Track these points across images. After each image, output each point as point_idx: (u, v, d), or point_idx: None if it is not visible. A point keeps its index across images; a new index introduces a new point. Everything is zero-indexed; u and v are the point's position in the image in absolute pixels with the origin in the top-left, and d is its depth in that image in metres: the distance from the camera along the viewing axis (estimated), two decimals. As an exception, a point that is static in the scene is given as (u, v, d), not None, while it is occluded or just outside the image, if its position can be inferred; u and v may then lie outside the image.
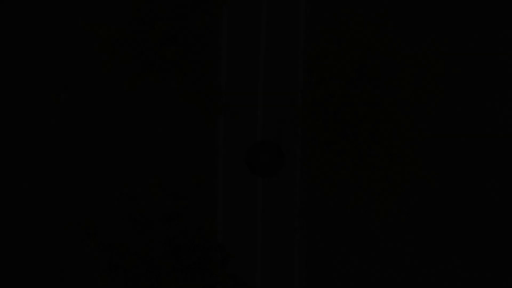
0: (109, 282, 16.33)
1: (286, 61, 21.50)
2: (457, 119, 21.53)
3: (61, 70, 21.41)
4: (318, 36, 18.90)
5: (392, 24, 17.89)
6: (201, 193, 18.27)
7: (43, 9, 20.85)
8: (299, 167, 20.79)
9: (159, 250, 16.43)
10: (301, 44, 21.22)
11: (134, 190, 19.04)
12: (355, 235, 19.33)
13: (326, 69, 17.28)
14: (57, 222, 21.15)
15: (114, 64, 18.11)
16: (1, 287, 20.33)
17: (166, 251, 16.51)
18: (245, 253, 21.48)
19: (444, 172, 21.52)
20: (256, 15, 21.53)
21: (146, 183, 19.19)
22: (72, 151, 21.36)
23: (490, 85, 21.49)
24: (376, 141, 17.91)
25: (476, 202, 21.42)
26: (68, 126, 21.46)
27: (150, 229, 16.79)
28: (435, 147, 21.53)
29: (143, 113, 20.53)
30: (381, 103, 17.08)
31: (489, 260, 21.29)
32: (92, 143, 21.37)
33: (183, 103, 16.80)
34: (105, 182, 20.88)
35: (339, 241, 20.20)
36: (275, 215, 21.59)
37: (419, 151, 21.11)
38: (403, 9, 21.20)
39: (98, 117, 21.40)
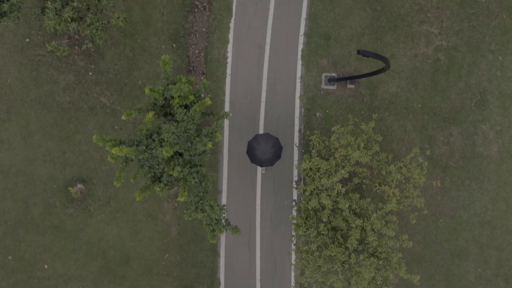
0: None
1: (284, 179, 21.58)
2: (438, 232, 21.69)
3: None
4: (310, 155, 19.48)
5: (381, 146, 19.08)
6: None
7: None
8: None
9: None
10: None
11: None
12: None
13: (318, 184, 17.98)
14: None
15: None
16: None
17: None
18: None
19: (427, 278, 21.66)
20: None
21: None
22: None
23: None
24: (364, 250, 18.54)
25: None
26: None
27: None
28: (417, 256, 21.70)
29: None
30: (369, 215, 17.68)
31: None
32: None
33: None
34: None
35: None
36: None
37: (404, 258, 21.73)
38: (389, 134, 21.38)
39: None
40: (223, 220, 17.88)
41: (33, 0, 19.41)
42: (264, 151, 19.36)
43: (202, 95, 18.47)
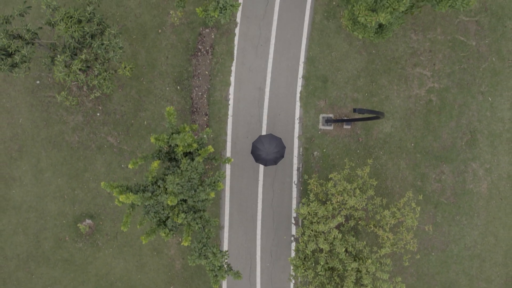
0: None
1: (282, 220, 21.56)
2: (430, 265, 21.70)
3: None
4: (308, 199, 19.56)
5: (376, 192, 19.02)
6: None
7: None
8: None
9: None
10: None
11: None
12: None
13: (316, 228, 18.17)
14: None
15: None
16: None
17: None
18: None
19: None
20: (254, 185, 21.51)
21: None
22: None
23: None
24: None
25: None
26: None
27: None
28: None
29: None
30: (364, 258, 17.86)
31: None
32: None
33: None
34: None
35: None
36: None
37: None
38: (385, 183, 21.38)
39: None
40: (225, 266, 17.93)
41: (44, 50, 19.37)
42: (268, 151, 19.48)
43: (205, 142, 18.46)
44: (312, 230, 18.24)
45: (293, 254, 21.56)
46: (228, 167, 21.75)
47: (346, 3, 17.53)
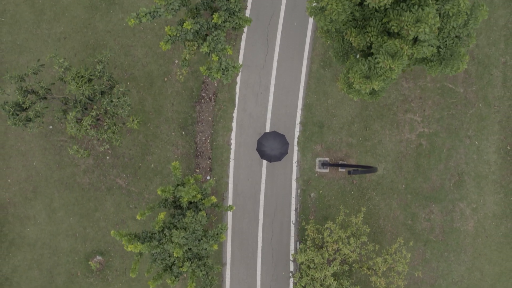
0: None
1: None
2: None
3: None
4: (305, 245, 19.64)
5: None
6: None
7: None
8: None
9: None
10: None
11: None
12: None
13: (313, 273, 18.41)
14: None
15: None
16: None
17: None
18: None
19: None
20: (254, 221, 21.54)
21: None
22: None
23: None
24: None
25: None
26: None
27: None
28: None
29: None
30: None
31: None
32: None
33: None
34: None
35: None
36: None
37: None
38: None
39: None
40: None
41: (56, 102, 19.41)
42: (272, 147, 19.54)
43: (208, 193, 18.50)
44: (308, 275, 18.31)
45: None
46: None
47: (341, 63, 17.52)
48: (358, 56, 17.04)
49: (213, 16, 17.28)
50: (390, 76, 15.56)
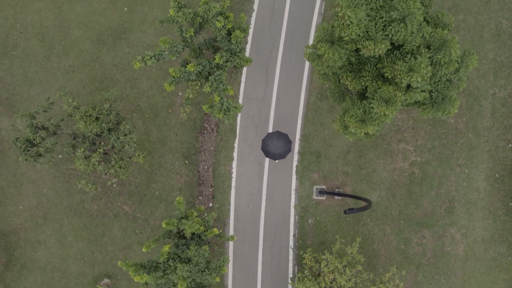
0: None
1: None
2: None
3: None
4: (303, 274, 19.71)
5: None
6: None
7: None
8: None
9: None
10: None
11: None
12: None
13: None
14: None
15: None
16: None
17: None
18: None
19: None
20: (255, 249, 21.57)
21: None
22: None
23: None
24: None
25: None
26: None
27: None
28: None
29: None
30: None
31: None
32: None
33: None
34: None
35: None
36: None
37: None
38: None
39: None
40: None
41: (65, 136, 19.47)
42: (276, 146, 19.65)
43: (211, 225, 18.57)
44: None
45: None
46: (231, 231, 21.87)
47: (337, 103, 17.55)
48: (353, 98, 17.09)
49: (215, 56, 17.31)
50: (385, 121, 15.60)
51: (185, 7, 17.12)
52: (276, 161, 21.48)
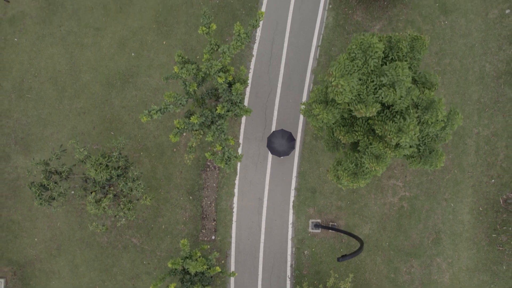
0: None
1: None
2: None
3: None
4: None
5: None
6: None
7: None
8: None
9: None
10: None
11: None
12: None
13: None
14: None
15: None
16: None
17: None
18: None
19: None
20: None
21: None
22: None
23: None
24: None
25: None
26: None
27: None
28: None
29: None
30: None
31: None
32: None
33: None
34: None
35: None
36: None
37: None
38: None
39: None
40: None
41: (77, 179, 19.57)
42: (280, 143, 19.86)
43: (214, 264, 18.74)
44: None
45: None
46: (233, 262, 22.03)
47: (331, 152, 17.66)
48: (346, 149, 17.21)
49: (217, 107, 17.40)
50: (376, 174, 15.73)
51: (188, 63, 17.21)
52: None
